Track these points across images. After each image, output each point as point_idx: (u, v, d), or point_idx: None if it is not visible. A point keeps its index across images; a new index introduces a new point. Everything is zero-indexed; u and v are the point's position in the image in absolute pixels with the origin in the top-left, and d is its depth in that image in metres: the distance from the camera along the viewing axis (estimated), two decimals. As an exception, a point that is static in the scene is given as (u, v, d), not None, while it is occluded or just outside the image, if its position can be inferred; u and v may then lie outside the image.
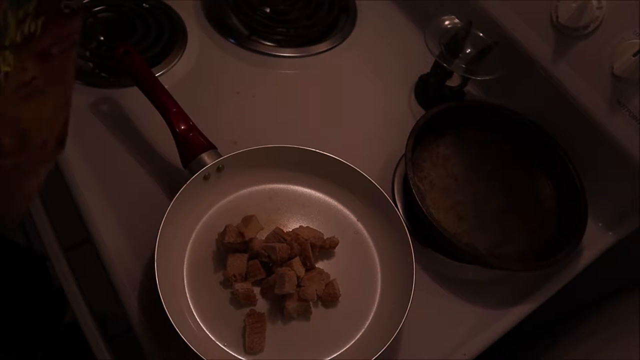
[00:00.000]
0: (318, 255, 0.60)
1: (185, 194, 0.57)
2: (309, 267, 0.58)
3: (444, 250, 0.63)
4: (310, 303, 0.56)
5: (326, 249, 0.60)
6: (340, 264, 0.61)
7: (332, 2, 0.86)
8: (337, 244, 0.60)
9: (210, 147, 0.61)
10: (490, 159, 0.72)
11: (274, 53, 0.79)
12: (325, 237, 0.60)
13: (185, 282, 0.56)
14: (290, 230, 0.60)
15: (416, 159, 0.69)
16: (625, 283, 0.70)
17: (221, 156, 0.60)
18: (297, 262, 0.57)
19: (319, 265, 0.60)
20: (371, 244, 0.63)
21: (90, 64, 0.74)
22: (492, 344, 0.60)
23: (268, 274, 0.57)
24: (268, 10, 0.83)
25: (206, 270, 0.57)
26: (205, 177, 0.60)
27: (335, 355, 0.55)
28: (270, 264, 0.57)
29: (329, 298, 0.57)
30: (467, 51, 0.72)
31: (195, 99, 0.67)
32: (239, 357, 0.53)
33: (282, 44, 0.81)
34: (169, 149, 0.62)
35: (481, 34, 0.72)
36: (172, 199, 0.57)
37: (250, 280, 0.57)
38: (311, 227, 0.61)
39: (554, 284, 0.64)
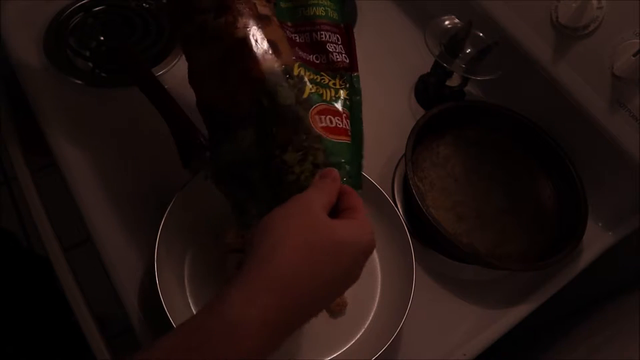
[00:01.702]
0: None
1: (186, 194, 0.57)
2: None
3: (444, 250, 0.63)
4: None
5: None
6: (340, 264, 0.61)
7: (332, 2, 0.86)
8: None
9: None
10: (490, 159, 0.72)
11: (274, 53, 0.79)
12: None
13: (185, 282, 0.56)
14: None
15: (416, 159, 0.69)
16: (625, 283, 0.70)
17: (221, 156, 0.60)
18: None
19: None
20: (371, 244, 0.62)
21: (90, 64, 0.74)
22: (492, 344, 0.60)
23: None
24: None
25: (207, 270, 0.57)
26: (206, 177, 0.59)
27: (335, 355, 0.55)
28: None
29: (337, 308, 0.57)
30: (467, 51, 0.72)
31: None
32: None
33: (282, 44, 0.81)
34: (169, 148, 0.62)
35: (481, 34, 0.72)
36: (173, 199, 0.57)
37: None
38: None
39: (554, 284, 0.64)
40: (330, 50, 0.51)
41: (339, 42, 0.53)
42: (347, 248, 0.40)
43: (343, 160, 0.48)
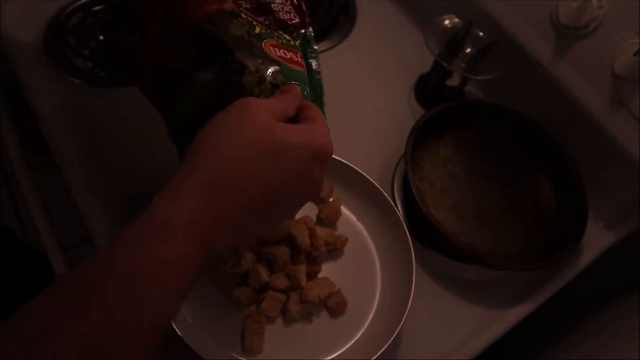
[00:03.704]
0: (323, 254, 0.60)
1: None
2: (315, 270, 0.58)
3: (444, 250, 0.63)
4: (314, 310, 0.56)
5: (339, 249, 0.60)
6: (340, 264, 0.61)
7: (332, 2, 0.86)
8: (347, 240, 0.60)
9: (210, 147, 0.60)
10: (490, 159, 0.72)
11: (274, 53, 0.79)
12: (337, 234, 0.60)
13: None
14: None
15: (416, 159, 0.69)
16: (625, 283, 0.70)
17: (221, 156, 0.60)
18: (302, 270, 0.57)
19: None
20: (371, 244, 0.63)
21: (90, 64, 0.74)
22: (492, 344, 0.60)
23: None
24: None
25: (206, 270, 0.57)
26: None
27: (335, 355, 0.55)
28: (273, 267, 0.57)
29: (338, 308, 0.57)
30: (468, 51, 0.72)
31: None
32: (238, 357, 0.53)
33: (282, 43, 0.81)
34: (169, 148, 0.62)
35: (481, 34, 0.72)
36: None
37: (253, 287, 0.56)
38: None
39: (554, 284, 0.64)
40: (276, 10, 0.51)
41: (287, 3, 0.52)
42: (292, 150, 0.37)
43: (305, 86, 0.47)
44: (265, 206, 0.38)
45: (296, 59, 0.49)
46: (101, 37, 0.76)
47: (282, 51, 0.47)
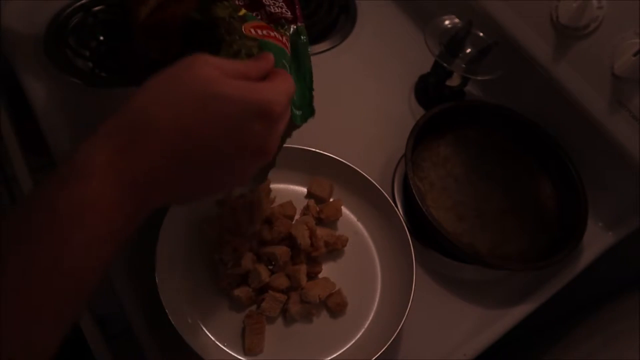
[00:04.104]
0: (323, 254, 0.60)
1: (185, 194, 0.57)
2: (315, 270, 0.58)
3: (444, 250, 0.63)
4: (314, 310, 0.56)
5: (339, 249, 0.60)
6: (340, 264, 0.61)
7: (332, 2, 0.86)
8: (347, 240, 0.60)
9: (210, 147, 0.60)
10: (490, 159, 0.72)
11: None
12: (337, 234, 0.60)
13: (185, 281, 0.56)
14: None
15: (416, 159, 0.69)
16: (625, 283, 0.70)
17: (221, 156, 0.60)
18: (302, 270, 0.57)
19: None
20: (371, 244, 0.63)
21: (90, 64, 0.74)
22: (492, 344, 0.60)
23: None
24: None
25: (206, 270, 0.57)
26: None
27: (335, 355, 0.55)
28: (272, 266, 0.57)
29: (338, 308, 0.57)
30: (467, 51, 0.72)
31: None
32: (238, 357, 0.53)
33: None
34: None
35: (481, 34, 0.72)
36: (172, 199, 0.57)
37: (253, 287, 0.56)
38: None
39: (554, 284, 0.64)
40: (267, 4, 0.51)
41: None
42: (224, 102, 0.35)
43: (282, 59, 0.46)
44: (198, 158, 0.36)
45: (280, 38, 0.48)
46: (101, 37, 0.76)
47: (264, 31, 0.47)
